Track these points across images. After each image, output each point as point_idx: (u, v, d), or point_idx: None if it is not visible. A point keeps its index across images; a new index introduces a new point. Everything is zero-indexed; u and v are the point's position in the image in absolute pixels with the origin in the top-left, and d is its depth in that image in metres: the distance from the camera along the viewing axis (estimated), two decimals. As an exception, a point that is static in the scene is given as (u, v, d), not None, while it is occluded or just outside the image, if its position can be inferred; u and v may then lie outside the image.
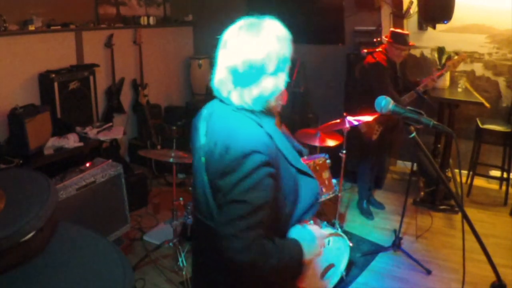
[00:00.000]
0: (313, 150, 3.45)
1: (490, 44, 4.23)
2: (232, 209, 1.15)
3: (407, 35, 3.40)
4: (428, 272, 2.96)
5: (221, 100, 1.27)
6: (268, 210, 1.17)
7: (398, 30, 3.47)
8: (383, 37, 3.62)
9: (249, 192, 1.13)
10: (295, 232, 1.31)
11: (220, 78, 1.22)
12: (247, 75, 1.17)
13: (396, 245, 3.18)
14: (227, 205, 1.16)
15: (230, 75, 1.19)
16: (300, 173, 1.29)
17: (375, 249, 3.25)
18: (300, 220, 1.33)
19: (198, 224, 1.37)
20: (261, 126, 1.21)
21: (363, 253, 3.19)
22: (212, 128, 1.26)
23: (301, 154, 1.41)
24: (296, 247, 1.26)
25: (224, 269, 1.27)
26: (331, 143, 3.21)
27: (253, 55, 1.15)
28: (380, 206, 3.97)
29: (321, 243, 1.34)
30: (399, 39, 3.37)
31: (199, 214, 1.35)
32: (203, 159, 1.27)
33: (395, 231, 3.36)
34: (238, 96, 1.20)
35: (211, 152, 1.23)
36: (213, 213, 1.25)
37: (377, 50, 3.56)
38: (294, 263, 1.25)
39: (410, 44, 3.43)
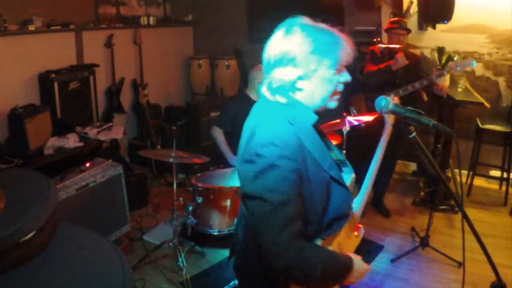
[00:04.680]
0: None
1: (490, 44, 4.23)
2: (253, 206, 1.17)
3: (403, 20, 3.63)
4: (460, 264, 2.96)
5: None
6: (296, 206, 1.15)
7: (394, 19, 3.71)
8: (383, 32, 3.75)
9: (268, 188, 1.12)
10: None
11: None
12: (266, 68, 1.25)
13: (425, 242, 3.17)
14: (248, 199, 1.19)
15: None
16: (334, 181, 1.27)
17: (406, 252, 3.16)
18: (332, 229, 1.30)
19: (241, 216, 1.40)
20: (292, 124, 1.21)
21: (391, 260, 3.12)
22: (250, 117, 1.31)
23: (342, 164, 1.40)
24: (348, 261, 1.27)
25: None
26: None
27: (272, 51, 1.22)
28: None
29: (365, 272, 1.35)
30: (396, 24, 3.56)
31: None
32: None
33: (413, 228, 3.49)
34: (265, 89, 1.26)
35: (243, 138, 1.28)
36: None
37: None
38: (337, 275, 1.24)
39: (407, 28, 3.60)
